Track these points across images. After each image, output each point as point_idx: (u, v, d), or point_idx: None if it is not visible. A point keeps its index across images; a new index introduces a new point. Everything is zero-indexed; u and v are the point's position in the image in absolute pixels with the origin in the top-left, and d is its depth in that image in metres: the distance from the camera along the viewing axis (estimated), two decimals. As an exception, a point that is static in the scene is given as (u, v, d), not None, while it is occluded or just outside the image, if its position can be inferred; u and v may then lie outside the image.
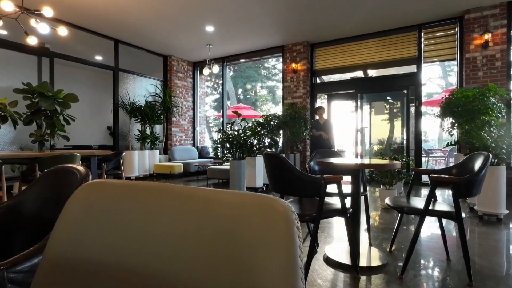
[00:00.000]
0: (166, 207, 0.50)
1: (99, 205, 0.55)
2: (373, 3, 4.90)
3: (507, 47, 4.87)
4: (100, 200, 0.56)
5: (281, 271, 0.38)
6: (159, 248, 0.47)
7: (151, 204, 0.52)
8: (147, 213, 0.51)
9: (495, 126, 3.67)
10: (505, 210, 3.33)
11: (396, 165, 2.04)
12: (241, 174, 4.53)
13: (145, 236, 0.49)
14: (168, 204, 0.51)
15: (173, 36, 6.52)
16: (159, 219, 0.50)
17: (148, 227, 0.50)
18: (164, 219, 0.49)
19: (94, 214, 0.55)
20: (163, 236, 0.48)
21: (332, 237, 2.84)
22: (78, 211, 0.56)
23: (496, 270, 2.07)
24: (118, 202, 0.54)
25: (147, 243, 0.49)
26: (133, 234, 0.50)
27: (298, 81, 6.79)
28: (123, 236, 0.51)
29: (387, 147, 6.94)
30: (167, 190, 0.53)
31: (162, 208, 0.50)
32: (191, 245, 0.45)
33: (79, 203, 0.57)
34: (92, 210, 0.55)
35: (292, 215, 0.42)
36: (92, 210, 0.55)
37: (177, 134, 8.18)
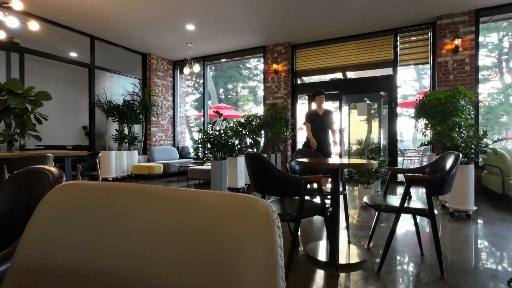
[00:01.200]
0: (144, 208, 0.49)
1: (73, 207, 0.53)
2: (352, 7, 5.03)
3: (475, 52, 5.15)
4: (74, 202, 0.54)
5: (262, 270, 0.39)
6: (138, 251, 0.46)
7: (129, 205, 0.51)
8: (124, 215, 0.50)
9: (465, 127, 3.87)
10: (474, 207, 3.52)
11: (374, 164, 2.10)
12: (222, 175, 4.50)
13: (123, 239, 0.48)
14: (147, 206, 0.49)
15: (152, 34, 6.38)
16: (138, 221, 0.48)
17: (125, 229, 0.49)
18: (143, 221, 0.48)
19: (68, 216, 0.53)
20: (141, 239, 0.47)
21: (313, 235, 2.89)
22: (51, 214, 0.54)
23: (465, 263, 2.18)
24: (94, 204, 0.52)
25: (125, 245, 0.47)
26: (110, 237, 0.49)
27: (279, 81, 6.85)
28: (99, 239, 0.49)
29: (365, 147, 7.14)
30: (146, 191, 0.52)
31: (140, 210, 0.49)
32: (171, 246, 0.44)
33: (52, 206, 0.55)
34: (66, 212, 0.53)
35: (273, 214, 0.42)
36: (66, 212, 0.53)
37: (157, 134, 8.01)
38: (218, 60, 8.26)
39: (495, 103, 14.23)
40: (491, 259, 2.28)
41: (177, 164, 6.91)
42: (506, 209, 3.88)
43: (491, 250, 2.49)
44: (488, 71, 14.61)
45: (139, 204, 0.50)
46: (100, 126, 6.87)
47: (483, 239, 2.76)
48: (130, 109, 6.95)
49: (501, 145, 4.17)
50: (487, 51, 14.56)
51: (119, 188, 0.54)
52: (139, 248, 0.46)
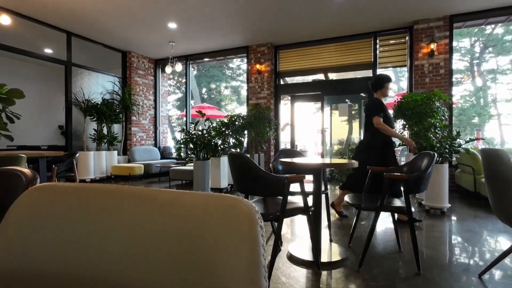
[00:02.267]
0: (124, 210, 0.48)
1: (48, 211, 0.51)
2: (333, 10, 5.12)
3: (449, 56, 5.39)
4: (49, 205, 0.52)
5: (245, 270, 0.39)
6: (117, 254, 0.45)
7: (108, 207, 0.49)
8: (103, 217, 0.48)
9: (440, 128, 4.03)
10: (448, 204, 3.68)
11: (354, 164, 2.15)
12: (205, 175, 4.46)
13: (102, 242, 0.46)
14: (127, 207, 0.48)
15: (133, 31, 6.23)
16: (117, 223, 0.47)
17: (104, 232, 0.47)
18: (123, 223, 0.47)
19: (42, 220, 0.50)
20: (121, 241, 0.46)
21: (295, 235, 2.92)
22: (24, 218, 0.51)
23: (440, 259, 2.28)
24: (70, 207, 0.51)
25: (104, 249, 0.46)
26: (88, 241, 0.47)
27: (263, 82, 6.87)
28: (76, 242, 0.47)
29: (346, 147, 7.30)
30: (125, 193, 0.51)
31: (120, 212, 0.48)
32: (152, 249, 0.43)
33: (25, 209, 0.52)
34: (40, 216, 0.51)
35: (255, 214, 0.43)
36: (40, 216, 0.51)
37: (138, 134, 7.83)
38: (201, 60, 8.18)
39: (467, 105, 14.94)
40: (464, 254, 2.39)
41: (158, 165, 6.79)
42: (478, 206, 4.08)
43: (464, 245, 2.61)
44: (461, 75, 15.31)
45: (118, 206, 0.49)
46: (77, 126, 6.63)
47: (456, 235, 2.88)
48: (109, 108, 6.75)
49: (473, 145, 4.39)
50: (460, 55, 15.26)
51: (98, 190, 0.52)
52: (119, 251, 0.45)
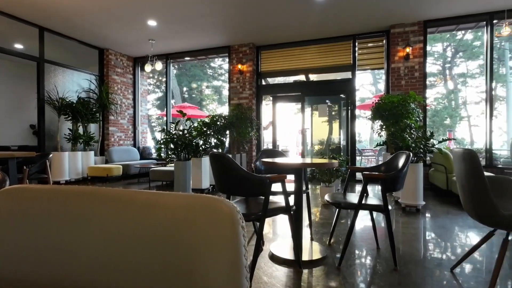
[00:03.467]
0: (101, 213, 0.47)
1: (18, 214, 0.49)
2: (314, 12, 5.20)
3: (423, 60, 5.62)
4: (20, 209, 0.49)
5: (226, 271, 0.38)
6: (94, 260, 0.43)
7: (84, 210, 0.47)
8: (78, 221, 0.46)
9: (415, 129, 4.20)
10: (422, 202, 3.84)
11: (334, 164, 2.20)
12: (186, 176, 4.40)
13: (77, 247, 0.45)
14: (104, 210, 0.47)
15: (110, 28, 6.04)
16: (93, 226, 0.46)
17: (80, 236, 0.45)
18: (99, 226, 0.45)
19: (12, 224, 0.48)
20: (98, 246, 0.44)
21: (277, 234, 2.94)
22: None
23: (415, 254, 2.37)
24: (43, 210, 0.48)
25: (79, 254, 0.44)
26: (63, 246, 0.45)
27: (244, 82, 6.87)
28: (49, 248, 0.45)
29: (326, 147, 7.43)
30: (102, 195, 0.49)
31: (96, 215, 0.46)
32: (130, 252, 0.42)
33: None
34: (9, 220, 0.48)
35: (237, 215, 0.42)
36: (10, 219, 0.48)
37: (116, 133, 7.60)
38: (181, 58, 8.06)
39: (440, 107, 15.65)
40: (437, 249, 2.50)
41: (138, 165, 6.62)
42: (450, 203, 4.28)
43: (437, 241, 2.73)
44: (434, 78, 16.02)
45: (95, 209, 0.47)
46: (50, 125, 6.34)
47: (430, 231, 3.01)
48: (85, 107, 6.51)
49: (445, 145, 4.61)
50: (433, 59, 15.95)
51: (72, 192, 0.50)
52: (97, 256, 0.44)
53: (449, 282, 1.88)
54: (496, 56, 13.14)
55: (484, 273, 2.02)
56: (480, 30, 7.47)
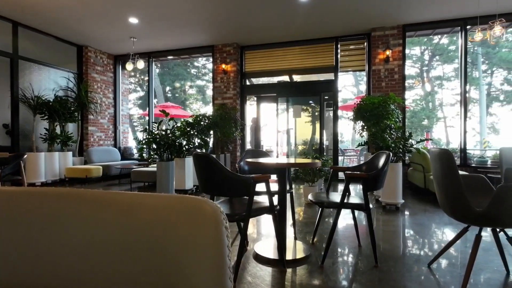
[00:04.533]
0: (80, 215, 0.45)
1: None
2: (298, 13, 5.26)
3: (402, 62, 5.80)
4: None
5: (209, 272, 0.38)
6: (72, 264, 0.42)
7: (61, 213, 0.46)
8: (55, 224, 0.45)
9: (394, 129, 4.33)
10: (402, 200, 3.96)
11: (318, 163, 2.23)
12: (169, 176, 4.33)
13: (54, 252, 0.43)
14: (83, 212, 0.45)
15: (90, 24, 5.85)
16: (72, 230, 0.44)
17: (57, 240, 0.44)
18: (78, 229, 0.44)
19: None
20: (76, 249, 0.43)
21: (261, 234, 2.94)
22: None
23: (395, 251, 2.44)
24: (16, 213, 0.46)
25: (57, 259, 0.43)
26: (38, 250, 0.43)
27: (228, 82, 6.84)
28: (24, 253, 0.43)
29: (309, 147, 7.53)
30: (81, 196, 0.47)
31: (75, 217, 0.45)
32: (111, 256, 0.41)
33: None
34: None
35: (220, 215, 0.42)
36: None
37: (95, 133, 7.37)
38: (164, 57, 7.94)
39: (418, 108, 16.21)
40: (415, 246, 2.59)
41: (118, 166, 6.45)
42: (427, 201, 4.44)
43: (416, 237, 2.82)
44: (412, 80, 16.58)
45: (73, 211, 0.46)
46: (25, 125, 6.07)
47: (409, 229, 3.11)
48: (63, 106, 6.27)
49: (423, 145, 4.78)
50: (412, 62, 16.51)
51: (49, 194, 0.48)
52: (74, 261, 0.42)
53: (426, 278, 1.95)
54: (469, 60, 13.76)
55: (459, 267, 2.11)
56: (455, 35, 7.83)
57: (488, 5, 4.87)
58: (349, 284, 1.88)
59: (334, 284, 1.86)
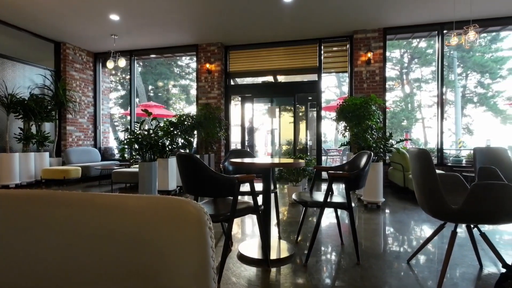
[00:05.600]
0: (58, 218, 0.43)
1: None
2: (282, 14, 5.29)
3: (383, 64, 5.96)
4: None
5: (193, 274, 0.38)
6: (51, 268, 0.40)
7: (37, 216, 0.44)
8: (31, 227, 0.43)
9: (375, 130, 4.44)
10: (382, 199, 4.07)
11: (301, 163, 2.25)
12: (151, 177, 4.25)
13: (31, 256, 0.41)
14: (61, 215, 0.44)
15: (68, 20, 5.65)
16: (49, 233, 0.42)
17: (34, 244, 0.42)
18: (56, 233, 0.42)
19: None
20: (55, 254, 0.41)
21: (246, 234, 2.94)
22: None
23: (376, 248, 2.50)
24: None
25: (34, 264, 0.41)
26: (13, 255, 0.41)
27: (213, 81, 6.80)
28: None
29: (294, 147, 7.60)
30: (57, 198, 0.46)
31: (52, 220, 0.43)
32: (91, 259, 0.40)
33: None
34: None
35: (204, 216, 0.42)
36: None
37: (74, 133, 7.12)
38: (147, 56, 7.78)
39: (398, 109, 16.71)
40: (395, 243, 2.66)
41: (99, 167, 6.26)
42: (407, 200, 4.58)
43: (396, 235, 2.91)
44: (392, 82, 17.08)
45: (51, 213, 0.44)
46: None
47: (389, 226, 3.20)
48: (39, 105, 6.02)
49: (403, 145, 4.93)
50: (392, 64, 17.00)
51: (23, 196, 0.46)
52: (53, 265, 0.41)
53: (405, 274, 2.01)
54: (446, 64, 14.33)
55: (436, 263, 2.19)
56: (432, 39, 8.12)
57: (463, 11, 5.09)
58: (332, 282, 1.91)
59: (317, 282, 1.89)
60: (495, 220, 1.76)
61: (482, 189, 1.66)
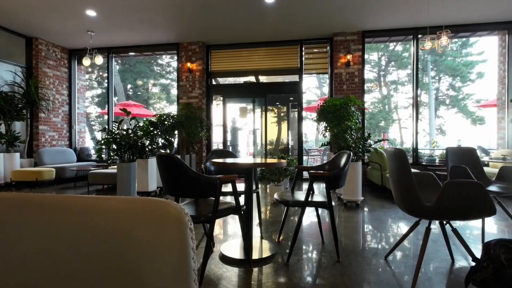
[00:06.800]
0: (30, 222, 0.41)
1: None
2: (264, 15, 5.32)
3: (362, 67, 6.13)
4: None
5: (173, 276, 0.37)
6: (23, 275, 0.38)
7: (7, 220, 0.41)
8: (1, 232, 0.41)
9: (355, 130, 4.55)
10: (361, 197, 4.18)
11: (283, 163, 2.27)
12: (130, 178, 4.14)
13: (2, 262, 0.39)
14: (32, 219, 0.41)
15: (40, 15, 5.39)
16: (20, 238, 0.40)
17: (3, 250, 0.40)
18: (28, 237, 0.40)
19: None
20: (28, 260, 0.39)
21: (228, 234, 2.93)
22: None
23: (355, 246, 2.57)
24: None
25: (4, 270, 0.39)
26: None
27: (194, 81, 6.72)
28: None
29: (276, 147, 7.64)
30: (28, 201, 0.43)
31: (22, 224, 0.41)
32: (67, 264, 0.38)
33: None
34: None
35: (185, 217, 0.41)
36: None
37: (47, 133, 6.81)
38: (125, 53, 7.57)
39: (376, 111, 17.23)
40: (374, 240, 2.74)
41: (74, 168, 6.02)
42: (384, 198, 4.73)
43: (374, 232, 3.00)
44: (371, 84, 17.59)
45: (21, 218, 0.42)
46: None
47: (368, 224, 3.29)
48: (8, 103, 5.71)
49: (380, 145, 5.08)
50: (370, 66, 17.50)
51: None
52: (23, 272, 0.39)
53: (383, 269, 2.08)
54: (420, 67, 14.94)
55: (411, 258, 2.27)
56: (408, 43, 8.44)
57: (436, 17, 5.32)
58: (313, 279, 1.94)
59: (298, 281, 1.91)
60: (466, 216, 1.86)
61: (454, 187, 1.74)
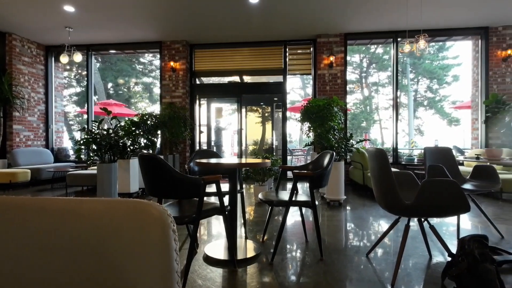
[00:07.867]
0: (3, 226, 0.39)
1: None
2: (248, 14, 5.32)
3: (344, 68, 6.25)
4: None
5: (156, 279, 0.37)
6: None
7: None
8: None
9: (337, 130, 4.63)
10: (344, 196, 4.26)
11: (267, 163, 2.28)
12: (111, 179, 4.03)
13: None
14: (7, 222, 0.40)
15: (15, 8, 5.15)
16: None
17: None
18: (2, 241, 0.38)
19: None
20: (2, 265, 0.37)
21: (212, 235, 2.91)
22: None
23: (338, 244, 2.62)
24: None
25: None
26: None
27: (177, 80, 6.62)
28: None
29: (260, 147, 7.67)
30: (3, 204, 0.41)
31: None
32: (45, 269, 0.37)
33: None
34: None
35: (167, 218, 0.41)
36: None
37: (22, 133, 6.52)
38: (106, 51, 7.36)
39: (357, 111, 17.62)
40: (356, 238, 2.80)
41: (51, 169, 5.79)
42: (366, 197, 4.85)
43: (356, 230, 3.06)
44: (353, 85, 17.97)
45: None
46: None
47: (350, 222, 3.36)
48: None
49: (362, 145, 5.21)
50: (352, 68, 17.88)
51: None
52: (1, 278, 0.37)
53: (365, 266, 2.12)
54: (400, 69, 15.39)
55: (392, 255, 2.34)
56: (388, 45, 8.70)
57: (415, 21, 5.50)
58: (297, 278, 1.96)
59: (283, 280, 1.93)
60: (442, 214, 1.93)
61: (431, 185, 1.81)
